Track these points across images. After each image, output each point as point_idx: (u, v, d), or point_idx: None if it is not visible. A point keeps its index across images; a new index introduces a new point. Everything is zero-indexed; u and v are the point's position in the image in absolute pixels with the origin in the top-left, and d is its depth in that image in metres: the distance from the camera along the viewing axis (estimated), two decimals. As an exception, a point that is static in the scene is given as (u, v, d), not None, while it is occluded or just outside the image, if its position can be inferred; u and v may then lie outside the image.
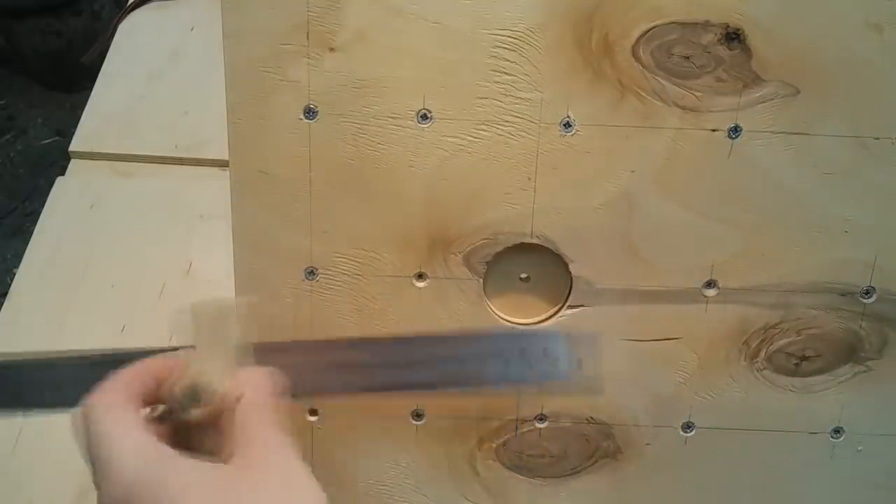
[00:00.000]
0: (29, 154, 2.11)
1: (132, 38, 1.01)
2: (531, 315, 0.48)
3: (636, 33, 0.42)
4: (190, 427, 0.37)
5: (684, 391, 0.49)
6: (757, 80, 0.42)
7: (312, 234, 0.46)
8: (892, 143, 0.44)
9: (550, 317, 0.48)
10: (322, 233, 0.46)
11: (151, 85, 0.96)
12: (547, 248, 0.47)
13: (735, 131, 0.44)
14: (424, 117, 0.44)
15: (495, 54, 0.43)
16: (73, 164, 0.89)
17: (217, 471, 0.34)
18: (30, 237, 0.82)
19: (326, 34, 0.43)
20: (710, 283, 0.47)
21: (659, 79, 0.43)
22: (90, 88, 0.96)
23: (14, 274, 0.79)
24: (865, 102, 0.43)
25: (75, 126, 0.92)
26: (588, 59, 0.43)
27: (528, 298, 0.48)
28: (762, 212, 0.46)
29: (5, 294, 0.77)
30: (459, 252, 0.47)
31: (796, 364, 0.48)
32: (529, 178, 0.45)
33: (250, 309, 0.48)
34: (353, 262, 0.47)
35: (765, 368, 0.49)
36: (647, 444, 0.51)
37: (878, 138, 0.44)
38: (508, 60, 0.43)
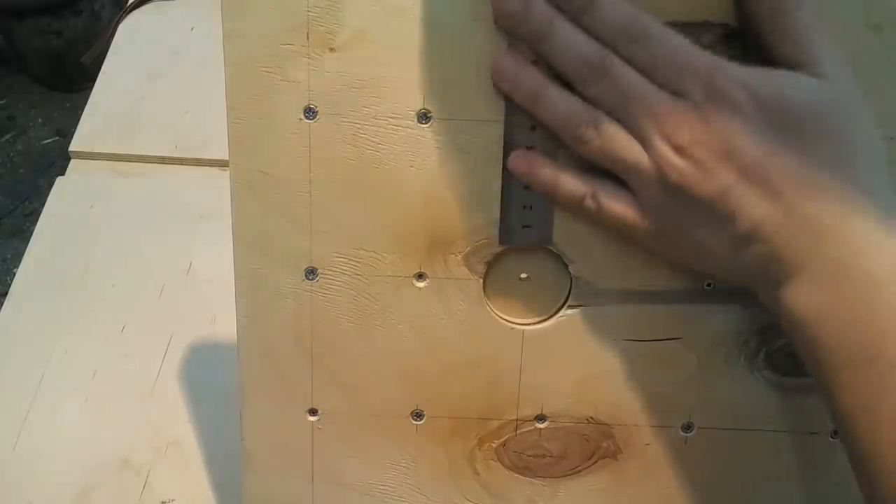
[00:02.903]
0: (29, 154, 2.11)
1: (132, 38, 1.01)
2: (531, 315, 0.48)
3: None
4: None
5: (684, 391, 0.49)
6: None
7: (312, 234, 0.46)
8: (894, 143, 0.44)
9: (550, 317, 0.48)
10: (322, 233, 0.46)
11: (151, 85, 0.96)
12: (547, 248, 0.47)
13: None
14: (424, 117, 0.44)
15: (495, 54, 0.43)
16: (73, 164, 0.89)
17: None
18: (30, 237, 0.82)
19: (326, 34, 0.43)
20: (710, 283, 0.47)
21: (659, 79, 0.43)
22: (90, 88, 0.96)
23: (14, 274, 0.79)
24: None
25: (75, 126, 0.92)
26: (588, 59, 0.43)
27: (528, 298, 0.48)
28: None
29: (5, 294, 0.78)
30: (459, 252, 0.47)
31: (796, 364, 0.48)
32: (529, 178, 0.45)
33: (250, 309, 0.48)
34: (353, 262, 0.47)
35: (765, 368, 0.49)
36: (647, 444, 0.51)
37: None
38: (508, 60, 0.43)
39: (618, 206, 0.43)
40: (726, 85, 0.39)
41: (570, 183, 0.44)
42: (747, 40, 0.42)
